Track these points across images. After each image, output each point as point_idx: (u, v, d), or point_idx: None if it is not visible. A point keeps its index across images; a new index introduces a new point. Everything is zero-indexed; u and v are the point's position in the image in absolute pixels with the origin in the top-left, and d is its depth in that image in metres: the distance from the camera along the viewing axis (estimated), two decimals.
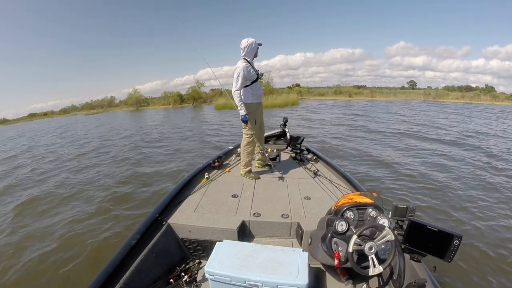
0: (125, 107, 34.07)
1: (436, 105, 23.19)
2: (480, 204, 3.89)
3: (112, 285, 1.31)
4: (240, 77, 2.41)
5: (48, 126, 22.56)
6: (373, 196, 1.66)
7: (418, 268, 1.30)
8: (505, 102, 27.72)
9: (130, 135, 11.86)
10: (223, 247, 1.52)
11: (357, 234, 1.35)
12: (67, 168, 6.95)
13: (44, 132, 17.77)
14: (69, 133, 15.01)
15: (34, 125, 26.70)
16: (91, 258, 2.88)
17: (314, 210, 2.05)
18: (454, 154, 6.52)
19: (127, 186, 5.00)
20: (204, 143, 8.58)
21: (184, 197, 2.25)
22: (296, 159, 3.28)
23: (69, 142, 11.53)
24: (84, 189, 5.10)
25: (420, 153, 6.59)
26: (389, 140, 8.21)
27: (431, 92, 34.07)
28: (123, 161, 7.05)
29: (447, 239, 1.20)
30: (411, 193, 4.20)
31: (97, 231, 3.43)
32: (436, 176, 4.92)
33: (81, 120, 24.28)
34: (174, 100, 31.50)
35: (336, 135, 8.95)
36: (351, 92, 32.81)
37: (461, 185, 4.55)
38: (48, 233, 3.52)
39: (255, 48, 2.49)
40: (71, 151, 9.39)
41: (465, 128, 10.53)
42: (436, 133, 9.25)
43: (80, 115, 33.32)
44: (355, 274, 1.44)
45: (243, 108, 2.50)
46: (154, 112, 24.53)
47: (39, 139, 14.08)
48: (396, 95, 32.56)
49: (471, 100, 28.40)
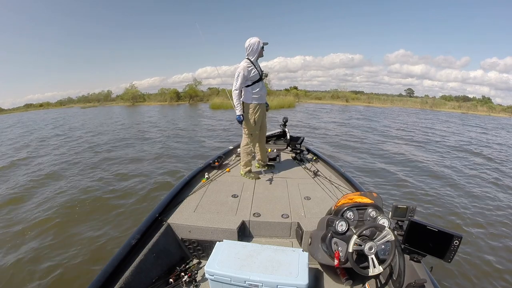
0: (121, 102, 33.93)
1: (434, 113, 22.95)
2: (481, 205, 3.89)
3: (112, 285, 1.31)
4: (239, 77, 2.40)
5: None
6: (373, 196, 1.66)
7: (418, 268, 1.30)
8: (501, 114, 27.98)
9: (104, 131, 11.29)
10: (223, 247, 1.52)
11: (357, 234, 1.35)
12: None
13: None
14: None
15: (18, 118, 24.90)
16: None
17: (314, 210, 2.05)
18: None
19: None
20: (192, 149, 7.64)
21: (184, 197, 2.25)
22: (296, 159, 3.28)
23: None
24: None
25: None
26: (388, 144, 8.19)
27: (428, 100, 34.14)
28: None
29: (447, 239, 1.20)
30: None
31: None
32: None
33: (66, 114, 23.37)
34: (170, 97, 31.41)
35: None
36: (348, 97, 32.87)
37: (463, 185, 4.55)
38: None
39: (259, 48, 2.43)
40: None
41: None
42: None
43: (76, 108, 32.90)
44: (355, 274, 1.44)
45: (239, 107, 2.50)
46: (149, 109, 24.22)
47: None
48: (393, 102, 32.68)
49: (467, 111, 28.48)
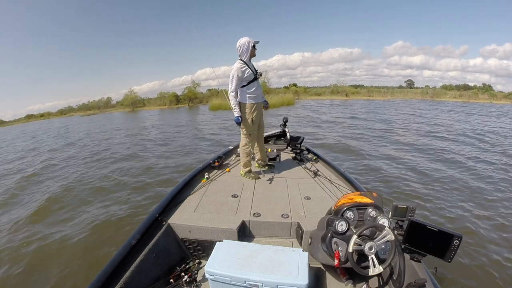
0: (121, 108, 33.85)
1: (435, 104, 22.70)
2: (483, 202, 3.89)
3: (112, 285, 1.31)
4: (234, 79, 2.39)
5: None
6: (373, 196, 1.66)
7: (418, 268, 1.30)
8: (503, 100, 27.67)
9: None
10: (223, 247, 1.52)
11: (357, 234, 1.35)
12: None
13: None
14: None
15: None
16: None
17: (314, 210, 2.05)
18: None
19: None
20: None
21: (184, 197, 2.25)
22: (296, 159, 3.27)
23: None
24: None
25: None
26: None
27: (428, 91, 33.98)
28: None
29: (447, 239, 1.20)
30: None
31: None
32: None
33: (64, 124, 22.99)
34: (169, 101, 31.28)
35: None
36: (348, 92, 32.72)
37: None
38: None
39: (249, 48, 2.42)
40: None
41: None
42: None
43: (76, 116, 32.93)
44: (355, 274, 1.44)
45: (237, 109, 2.49)
46: (149, 114, 24.19)
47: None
48: (393, 95, 32.52)
49: (468, 99, 28.27)
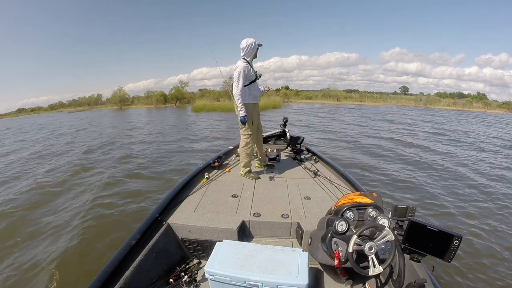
0: (110, 105, 33.53)
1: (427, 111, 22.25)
2: (481, 204, 3.89)
3: (112, 285, 1.31)
4: (241, 77, 2.40)
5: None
6: (373, 196, 1.66)
7: (418, 268, 1.30)
8: (497, 110, 27.70)
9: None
10: (223, 247, 1.52)
11: (357, 234, 1.35)
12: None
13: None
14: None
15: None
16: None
17: (314, 210, 2.05)
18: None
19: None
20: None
21: (184, 197, 2.25)
22: (296, 159, 3.28)
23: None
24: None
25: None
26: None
27: (422, 98, 33.64)
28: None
29: (447, 239, 1.20)
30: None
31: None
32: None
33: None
34: (157, 100, 30.82)
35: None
36: (340, 96, 32.28)
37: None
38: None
39: (255, 49, 2.48)
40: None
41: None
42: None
43: (65, 113, 32.63)
44: (355, 274, 1.44)
45: (243, 109, 2.48)
46: (134, 112, 23.87)
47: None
48: (386, 101, 32.19)
49: (462, 108, 28.12)
